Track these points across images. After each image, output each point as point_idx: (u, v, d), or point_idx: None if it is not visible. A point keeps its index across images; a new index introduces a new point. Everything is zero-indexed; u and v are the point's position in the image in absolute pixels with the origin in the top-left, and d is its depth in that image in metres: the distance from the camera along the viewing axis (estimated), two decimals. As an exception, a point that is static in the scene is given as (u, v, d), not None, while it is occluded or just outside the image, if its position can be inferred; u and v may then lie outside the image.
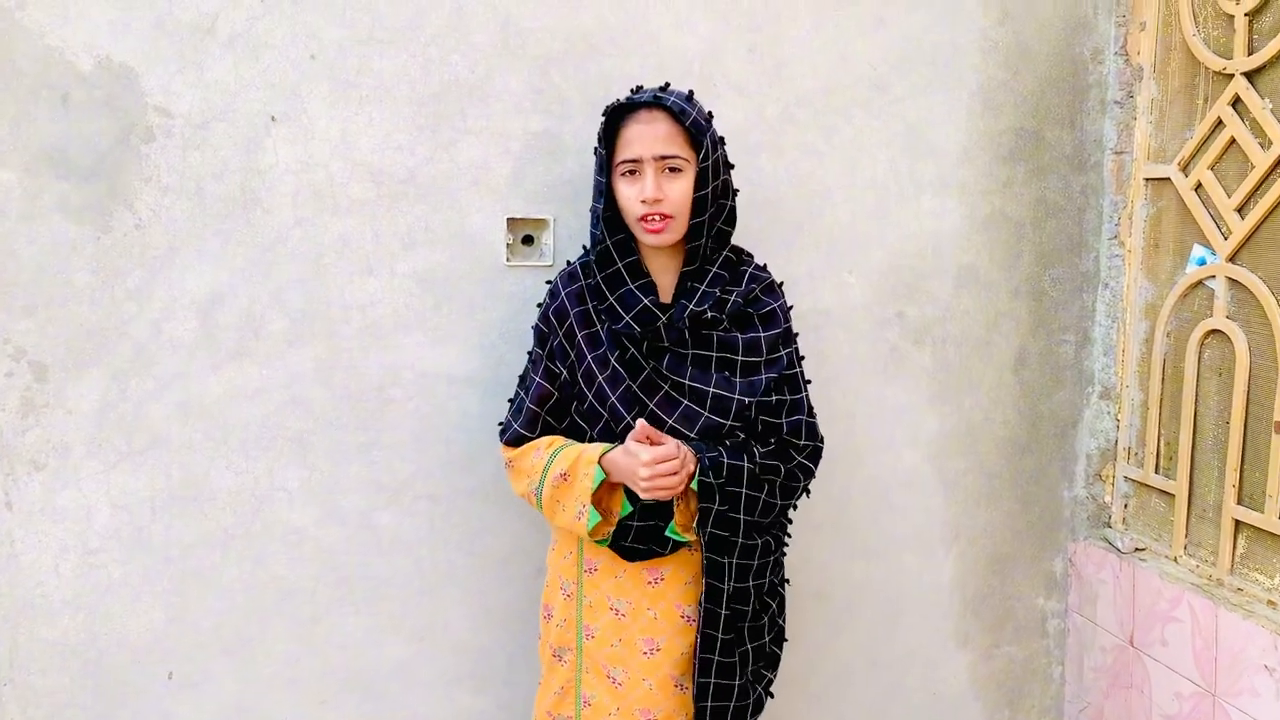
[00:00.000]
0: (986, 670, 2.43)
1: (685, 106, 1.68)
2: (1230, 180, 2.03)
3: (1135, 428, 2.30)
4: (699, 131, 1.68)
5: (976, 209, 2.27)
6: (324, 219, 1.93)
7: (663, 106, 1.67)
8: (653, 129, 1.66)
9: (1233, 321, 2.02)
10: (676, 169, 1.68)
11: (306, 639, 2.01)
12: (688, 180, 1.68)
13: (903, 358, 2.27)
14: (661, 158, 1.66)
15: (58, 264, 1.82)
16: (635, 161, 1.67)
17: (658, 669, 1.76)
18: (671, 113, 1.67)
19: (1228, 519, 2.03)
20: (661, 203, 1.67)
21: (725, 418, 1.73)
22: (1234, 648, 1.94)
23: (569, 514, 1.70)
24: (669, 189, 1.67)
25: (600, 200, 1.72)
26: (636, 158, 1.67)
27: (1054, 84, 2.28)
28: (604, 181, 1.71)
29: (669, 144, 1.66)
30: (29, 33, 1.77)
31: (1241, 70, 1.97)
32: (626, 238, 1.74)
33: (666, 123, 1.67)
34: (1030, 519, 2.40)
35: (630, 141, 1.67)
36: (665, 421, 1.72)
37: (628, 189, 1.69)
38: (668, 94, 1.69)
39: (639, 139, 1.66)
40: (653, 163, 1.66)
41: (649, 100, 1.68)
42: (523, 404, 1.81)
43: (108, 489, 1.89)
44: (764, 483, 1.72)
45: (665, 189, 1.67)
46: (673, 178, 1.68)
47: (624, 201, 1.70)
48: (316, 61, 1.89)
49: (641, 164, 1.67)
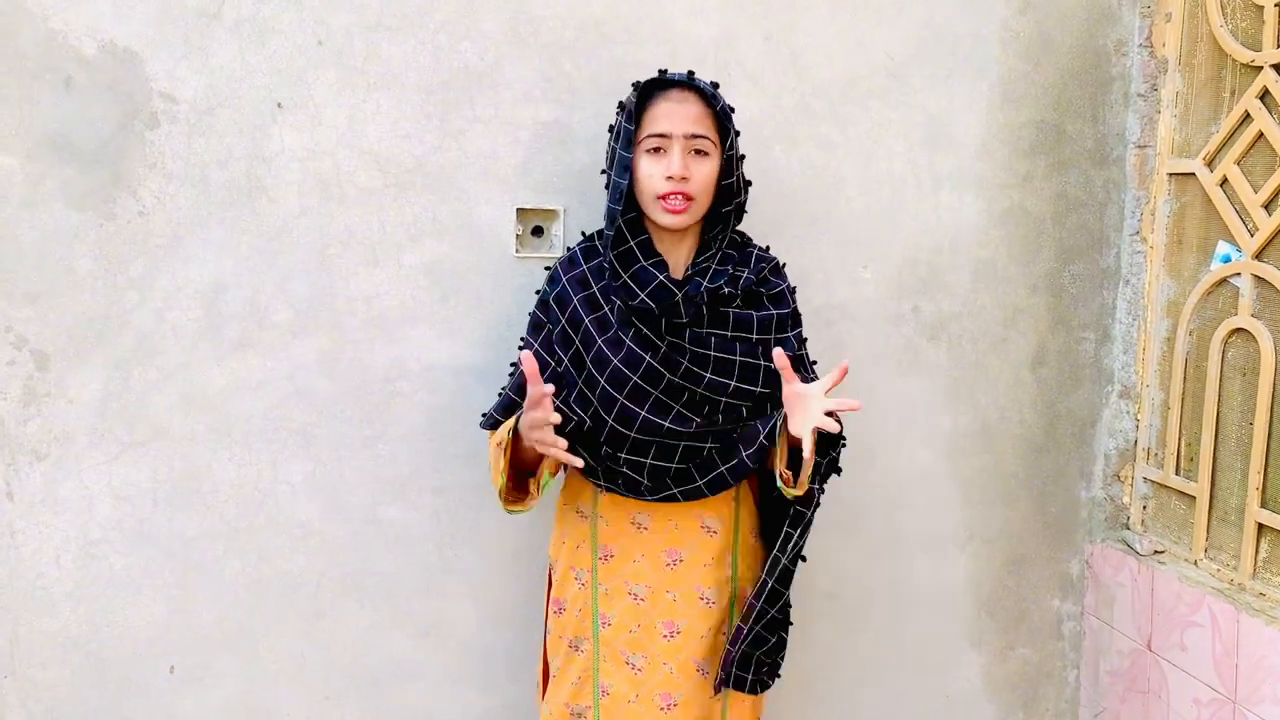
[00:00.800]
0: (1000, 672, 2.39)
1: (715, 93, 1.69)
2: (1257, 176, 1.98)
3: (1155, 428, 2.25)
4: (726, 118, 1.68)
5: (995, 203, 2.22)
6: (330, 208, 1.90)
7: (695, 88, 1.67)
8: (684, 108, 1.66)
9: (1258, 320, 1.97)
10: (703, 151, 1.67)
11: (310, 634, 1.99)
12: (713, 164, 1.68)
13: (918, 354, 2.23)
14: (691, 136, 1.65)
15: (60, 251, 1.80)
16: (664, 137, 1.65)
17: (679, 652, 1.74)
18: (704, 95, 1.67)
19: (1250, 522, 1.99)
20: (688, 181, 1.65)
21: (755, 384, 1.71)
22: (1255, 654, 1.90)
23: (496, 478, 1.70)
24: (695, 169, 1.66)
25: (625, 176, 1.68)
26: (666, 133, 1.65)
27: (1076, 76, 2.23)
28: (628, 156, 1.68)
29: (699, 124, 1.66)
30: (32, 16, 1.74)
31: (1271, 63, 1.92)
32: (637, 216, 1.72)
33: (698, 104, 1.66)
34: (1047, 519, 2.36)
35: (659, 118, 1.66)
36: (695, 394, 1.68)
37: (651, 165, 1.67)
38: (698, 79, 1.69)
39: (669, 116, 1.65)
40: (681, 140, 1.65)
41: (682, 80, 1.68)
42: (504, 392, 1.78)
43: (109, 480, 1.87)
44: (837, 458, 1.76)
45: (691, 169, 1.66)
46: (699, 159, 1.67)
47: (644, 179, 1.67)
48: (324, 48, 1.86)
49: (670, 140, 1.65)
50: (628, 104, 1.68)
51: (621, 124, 1.69)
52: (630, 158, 1.67)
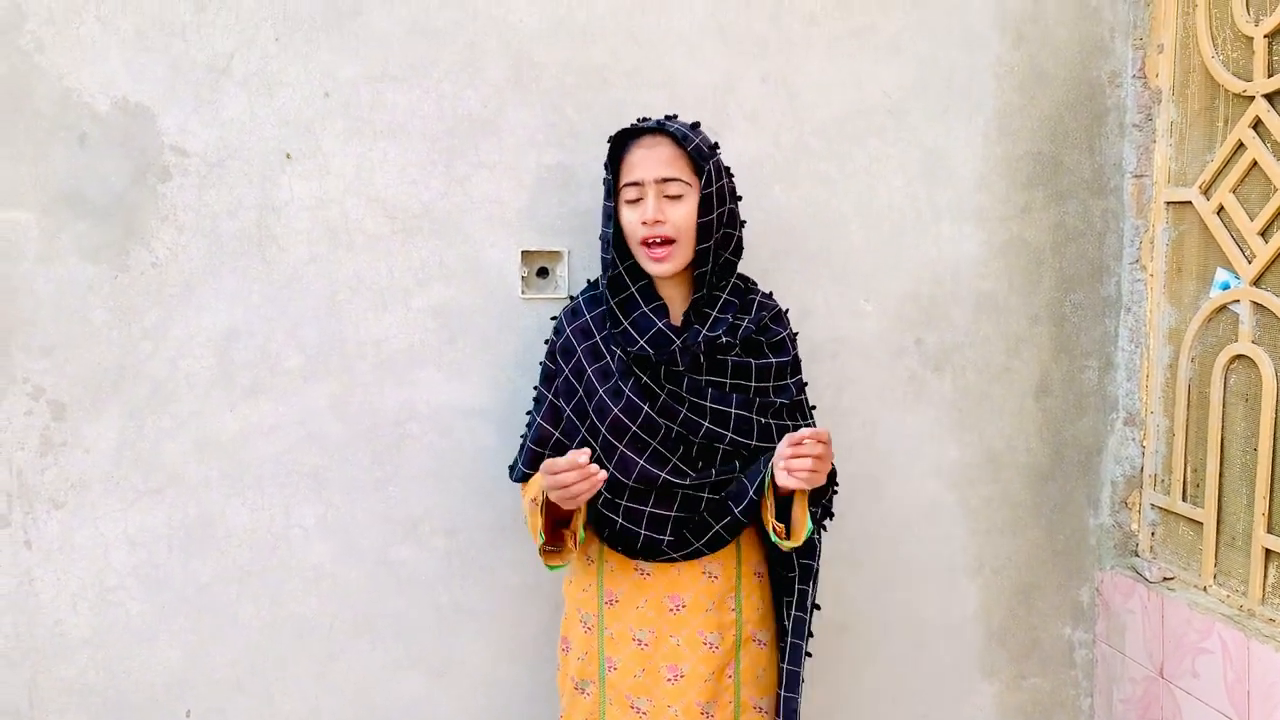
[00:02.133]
0: (1014, 701, 2.38)
1: (688, 133, 1.70)
2: (1253, 203, 2.00)
3: (1161, 454, 2.26)
4: (701, 157, 1.69)
5: (995, 235, 2.25)
6: (339, 255, 1.93)
7: (665, 132, 1.70)
8: (655, 153, 1.69)
9: (1258, 346, 1.99)
10: (679, 194, 1.69)
11: (324, 676, 2.00)
12: (690, 205, 1.70)
13: (922, 385, 2.24)
14: (663, 180, 1.68)
15: (75, 303, 1.83)
16: (638, 185, 1.69)
17: (683, 695, 1.76)
18: (674, 138, 1.69)
19: (1258, 547, 1.99)
20: (663, 225, 1.68)
21: (749, 438, 1.74)
22: (1266, 680, 1.90)
23: (533, 535, 1.74)
24: (670, 212, 1.69)
25: (610, 225, 1.73)
26: (639, 180, 1.69)
27: (1071, 108, 2.26)
28: (611, 206, 1.72)
29: (670, 167, 1.68)
30: (47, 75, 1.79)
31: (1262, 92, 1.95)
32: (636, 263, 1.75)
33: (669, 147, 1.69)
34: (1056, 548, 2.36)
35: (633, 165, 1.70)
36: (692, 444, 1.72)
37: (630, 213, 1.71)
38: (671, 122, 1.72)
39: (641, 162, 1.69)
40: (654, 185, 1.68)
41: (653, 126, 1.71)
42: (525, 444, 1.83)
43: (125, 527, 1.89)
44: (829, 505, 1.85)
45: (666, 212, 1.68)
46: (673, 203, 1.69)
47: (627, 226, 1.71)
48: (331, 99, 1.90)
49: (644, 186, 1.69)
50: (607, 157, 1.73)
51: (605, 178, 1.73)
52: (613, 207, 1.72)
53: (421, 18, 1.92)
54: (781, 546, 1.69)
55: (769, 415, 1.76)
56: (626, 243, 1.74)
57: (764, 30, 2.07)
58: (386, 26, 1.91)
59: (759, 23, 2.07)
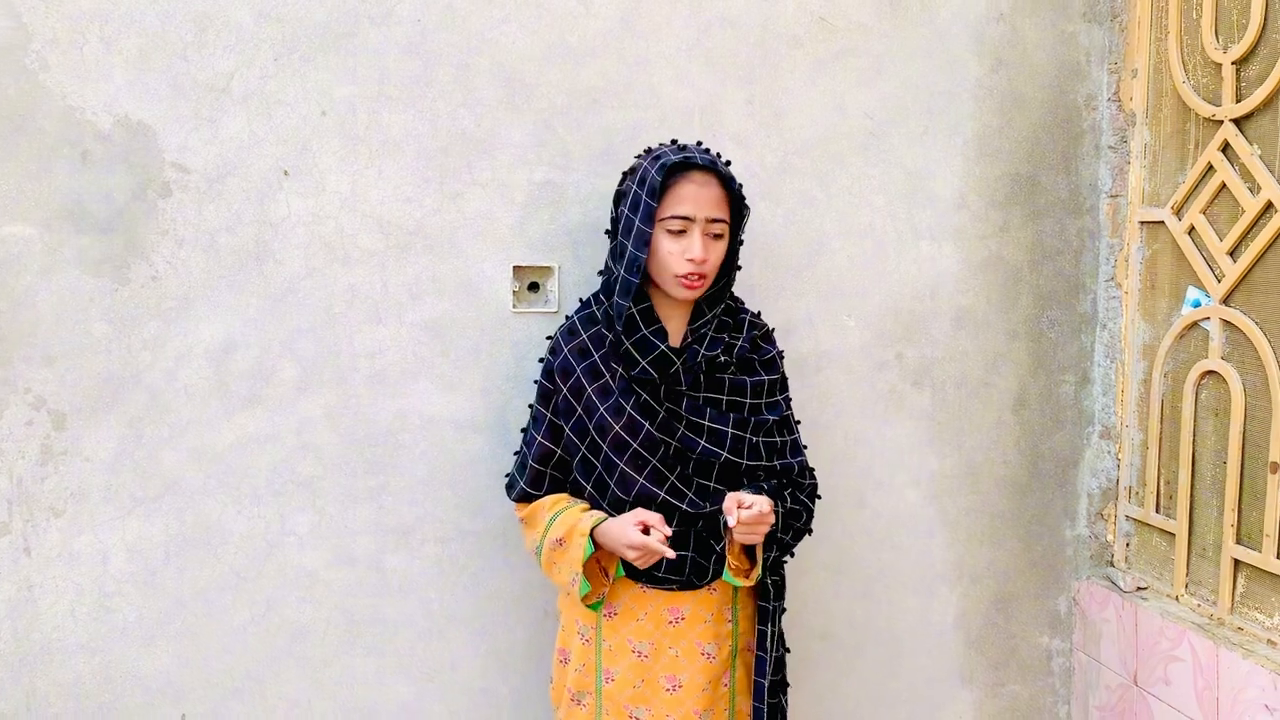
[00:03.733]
0: (992, 708, 2.44)
1: (732, 175, 1.77)
2: (1222, 224, 2.07)
3: (1136, 467, 2.32)
4: (741, 200, 1.78)
5: (974, 253, 2.31)
6: (334, 269, 1.98)
7: (717, 173, 1.75)
8: (707, 191, 1.74)
9: (1227, 363, 2.05)
10: (719, 234, 1.76)
11: (317, 680, 2.05)
12: (725, 245, 1.78)
13: (902, 399, 2.30)
14: (711, 220, 1.74)
15: (76, 315, 1.88)
16: (686, 220, 1.73)
17: (681, 704, 1.81)
18: (723, 180, 1.76)
19: (1227, 558, 2.05)
20: (705, 263, 1.74)
21: (741, 457, 1.81)
22: (1234, 687, 1.96)
23: (564, 578, 1.78)
24: (711, 251, 1.75)
25: (644, 250, 1.73)
26: (690, 216, 1.73)
27: (1048, 130, 2.33)
28: (648, 231, 1.73)
29: (718, 208, 1.75)
30: (50, 93, 1.84)
31: (1230, 117, 2.02)
32: (640, 285, 1.80)
33: (718, 188, 1.75)
34: (1033, 558, 2.42)
35: (684, 200, 1.73)
36: (689, 461, 1.80)
37: (672, 244, 1.74)
38: (718, 160, 1.77)
39: (695, 200, 1.73)
40: (703, 224, 1.74)
41: (706, 164, 1.74)
42: (526, 461, 1.88)
43: (123, 534, 1.93)
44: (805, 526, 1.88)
45: (709, 251, 1.75)
46: (715, 242, 1.77)
47: (665, 256, 1.75)
48: (327, 117, 1.95)
49: (692, 224, 1.73)
50: (649, 181, 1.72)
51: (642, 197, 1.72)
52: (650, 233, 1.73)
53: (417, 39, 1.97)
54: (735, 584, 1.79)
55: (761, 434, 1.84)
56: (650, 267, 1.78)
57: (749, 53, 2.13)
58: (382, 47, 1.96)
59: (744, 46, 2.13)
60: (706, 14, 2.10)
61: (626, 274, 1.75)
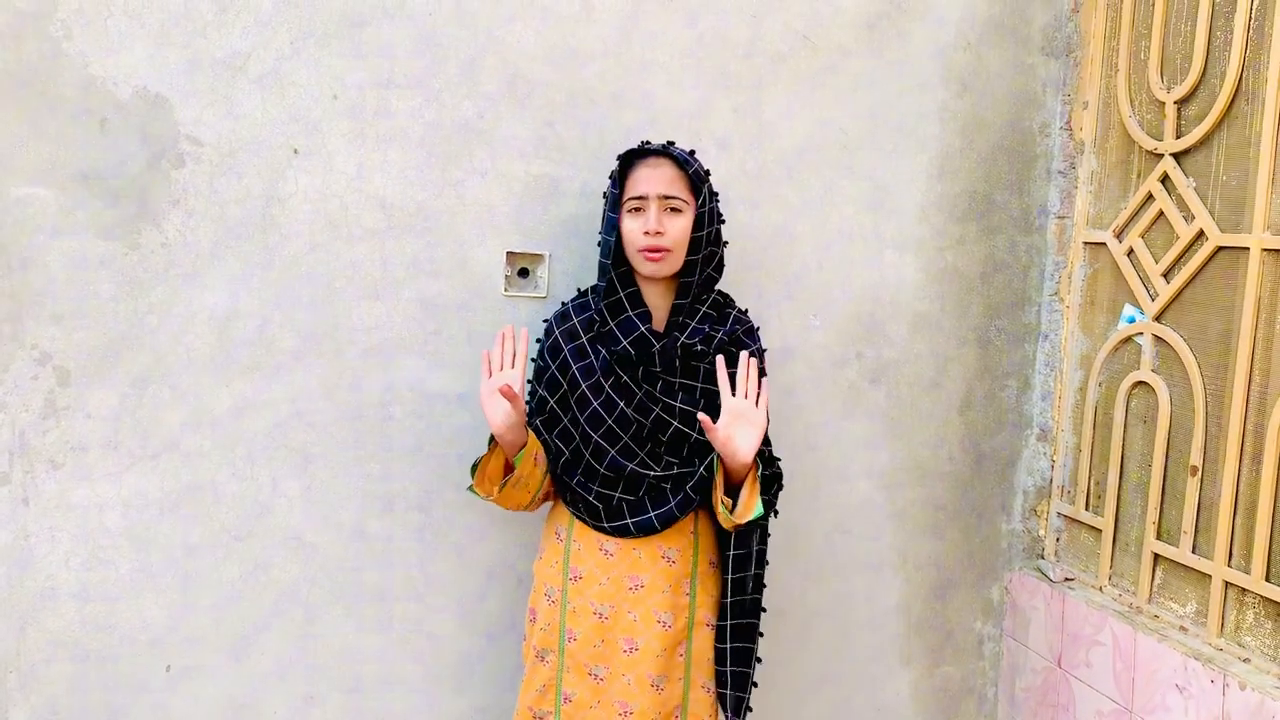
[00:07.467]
0: (927, 687, 2.62)
1: (688, 158, 1.92)
2: (1158, 248, 2.26)
3: (1068, 468, 2.52)
4: (698, 179, 1.92)
5: (932, 263, 2.48)
6: (337, 246, 2.08)
7: (669, 155, 1.91)
8: (659, 172, 1.89)
9: (1157, 375, 2.25)
10: (677, 209, 1.90)
11: (299, 638, 2.14)
12: (686, 220, 1.91)
13: (860, 395, 2.47)
14: (664, 197, 1.88)
15: (86, 276, 1.95)
16: (641, 199, 1.89)
17: (636, 666, 1.94)
18: (676, 161, 1.90)
19: (1147, 553, 2.25)
20: (662, 236, 1.88)
21: None
22: (1149, 668, 2.15)
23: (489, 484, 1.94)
24: (669, 225, 1.89)
25: (612, 234, 1.92)
26: (643, 195, 1.89)
27: (1005, 153, 2.51)
28: (614, 217, 1.91)
29: (671, 186, 1.89)
30: (73, 61, 1.91)
31: (1170, 151, 2.21)
32: (628, 270, 1.94)
33: (671, 168, 1.90)
34: (971, 548, 2.61)
35: (638, 182, 1.90)
36: (660, 441, 1.92)
37: (632, 223, 1.90)
38: (674, 147, 1.93)
39: (646, 180, 1.89)
40: (657, 200, 1.88)
41: (658, 149, 1.92)
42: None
43: (120, 489, 2.01)
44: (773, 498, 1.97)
45: (666, 224, 1.88)
46: (673, 216, 1.90)
47: (628, 234, 1.90)
48: (338, 101, 2.05)
49: (647, 201, 1.88)
50: (613, 172, 1.93)
51: (610, 189, 1.93)
52: (616, 218, 1.91)
53: (427, 32, 2.08)
54: (726, 523, 1.86)
55: None
56: (625, 250, 1.92)
57: (738, 66, 2.28)
58: (394, 38, 2.06)
59: (734, 59, 2.27)
60: (700, 27, 2.24)
61: (601, 257, 1.95)
